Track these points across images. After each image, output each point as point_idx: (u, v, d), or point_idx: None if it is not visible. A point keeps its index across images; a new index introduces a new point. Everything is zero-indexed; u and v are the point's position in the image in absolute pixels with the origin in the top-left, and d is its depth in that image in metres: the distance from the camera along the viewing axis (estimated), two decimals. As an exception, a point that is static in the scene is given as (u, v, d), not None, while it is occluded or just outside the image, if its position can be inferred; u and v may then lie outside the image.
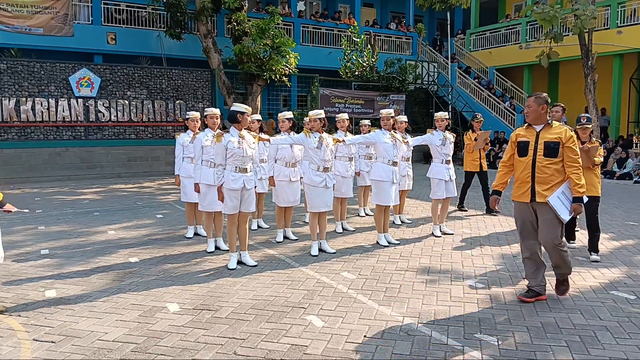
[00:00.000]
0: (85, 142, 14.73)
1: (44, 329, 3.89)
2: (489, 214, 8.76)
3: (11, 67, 13.86)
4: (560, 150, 4.26)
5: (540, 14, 14.54)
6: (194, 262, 5.77)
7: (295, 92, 20.04)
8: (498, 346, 3.57)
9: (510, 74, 21.87)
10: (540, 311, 4.22)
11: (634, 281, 5.01)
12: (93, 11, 16.89)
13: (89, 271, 5.44)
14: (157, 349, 3.54)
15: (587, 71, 15.68)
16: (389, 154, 6.36)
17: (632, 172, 14.12)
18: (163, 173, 15.24)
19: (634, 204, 9.93)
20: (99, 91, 14.88)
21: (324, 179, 5.99)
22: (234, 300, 4.50)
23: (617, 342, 3.62)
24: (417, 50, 22.98)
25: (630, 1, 17.16)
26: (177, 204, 9.79)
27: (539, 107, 4.35)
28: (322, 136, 6.00)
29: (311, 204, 6.07)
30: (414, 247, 6.45)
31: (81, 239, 6.98)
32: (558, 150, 4.25)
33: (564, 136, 4.27)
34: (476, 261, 5.77)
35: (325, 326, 3.89)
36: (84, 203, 10.19)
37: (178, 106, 16.06)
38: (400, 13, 25.03)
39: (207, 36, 16.39)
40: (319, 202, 6.02)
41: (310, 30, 20.82)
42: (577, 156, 4.26)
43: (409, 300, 4.48)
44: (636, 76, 18.68)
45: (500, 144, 18.49)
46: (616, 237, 6.98)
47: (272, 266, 5.58)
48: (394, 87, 19.44)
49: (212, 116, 6.30)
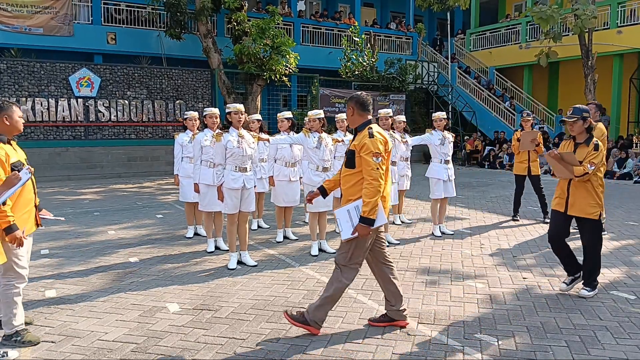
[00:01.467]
0: (85, 142, 14.72)
1: (44, 329, 3.88)
2: (543, 221, 7.97)
3: (11, 67, 13.85)
4: (357, 160, 3.67)
5: (538, 13, 14.55)
6: (194, 262, 5.77)
7: (295, 92, 20.03)
8: (498, 346, 3.57)
9: (510, 74, 21.88)
10: (540, 311, 4.22)
11: (634, 281, 5.01)
12: (93, 11, 16.88)
13: (88, 271, 5.44)
14: (157, 349, 3.54)
15: (587, 71, 15.68)
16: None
17: (632, 172, 14.11)
18: (163, 173, 15.23)
19: (634, 204, 9.93)
20: (99, 91, 14.87)
21: (324, 179, 5.99)
22: (234, 300, 4.50)
23: (617, 342, 3.62)
24: (417, 50, 22.97)
25: (630, 1, 17.15)
26: (177, 204, 9.78)
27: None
28: (322, 136, 6.01)
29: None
30: (414, 247, 6.45)
31: (81, 239, 6.97)
32: (354, 160, 3.69)
33: (358, 144, 3.68)
34: (476, 261, 5.77)
35: (325, 326, 3.89)
36: (84, 203, 10.19)
37: (178, 106, 16.05)
38: (400, 13, 25.03)
39: (207, 36, 16.38)
40: (319, 202, 6.01)
41: (310, 30, 20.81)
42: (370, 168, 3.58)
43: (409, 300, 4.47)
44: (636, 76, 18.68)
45: (500, 144, 18.50)
46: (616, 237, 6.98)
47: (272, 266, 5.58)
48: (394, 87, 19.44)
49: (212, 116, 6.29)
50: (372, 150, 3.60)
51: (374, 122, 3.84)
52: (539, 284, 4.93)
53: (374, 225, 3.62)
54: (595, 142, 4.43)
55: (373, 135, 3.65)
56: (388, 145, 3.77)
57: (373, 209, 3.57)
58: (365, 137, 3.65)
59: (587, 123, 4.46)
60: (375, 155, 3.59)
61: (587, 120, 4.45)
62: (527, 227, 7.65)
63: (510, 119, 19.68)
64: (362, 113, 3.79)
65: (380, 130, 3.78)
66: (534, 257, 5.91)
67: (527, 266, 5.55)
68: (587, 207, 4.44)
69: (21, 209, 3.53)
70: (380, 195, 3.61)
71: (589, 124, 4.47)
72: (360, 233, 3.62)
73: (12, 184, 3.33)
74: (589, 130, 4.50)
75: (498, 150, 18.32)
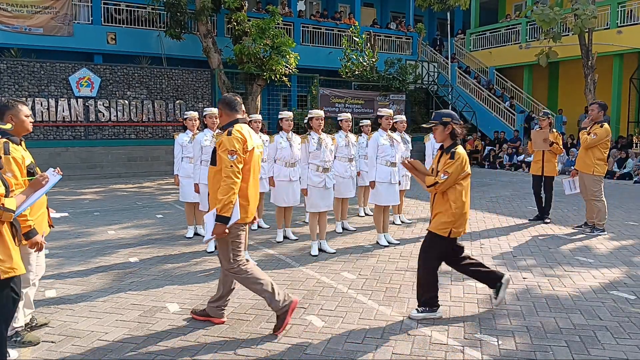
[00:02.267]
0: (85, 142, 14.72)
1: (44, 328, 3.89)
2: (543, 221, 7.97)
3: (11, 67, 13.85)
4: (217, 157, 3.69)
5: (540, 15, 14.55)
6: (194, 262, 5.77)
7: (295, 92, 20.03)
8: (498, 346, 3.57)
9: (510, 74, 21.88)
10: (540, 311, 4.22)
11: (634, 281, 5.01)
12: (93, 11, 16.88)
13: (89, 271, 5.44)
14: (157, 349, 3.54)
15: (587, 71, 15.68)
16: (387, 154, 6.37)
17: (632, 172, 14.11)
18: (163, 173, 15.23)
19: (634, 204, 9.93)
20: (99, 91, 14.86)
21: (324, 179, 6.00)
22: (234, 300, 4.50)
23: (617, 342, 3.62)
24: (417, 50, 22.98)
25: (630, 1, 17.15)
26: (177, 204, 9.78)
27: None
28: (321, 137, 6.03)
29: (311, 204, 6.07)
30: (414, 247, 6.45)
31: (81, 239, 6.97)
32: (215, 157, 3.72)
33: (217, 142, 3.77)
34: (476, 261, 5.76)
35: (325, 326, 3.89)
36: (84, 203, 10.19)
37: (178, 106, 16.05)
38: (400, 13, 25.04)
39: (207, 36, 16.38)
40: (319, 202, 6.03)
41: (310, 30, 20.81)
42: (224, 165, 3.61)
43: (409, 300, 4.48)
44: (636, 76, 18.68)
45: (500, 144, 18.50)
46: (616, 237, 6.98)
47: (272, 266, 5.58)
48: (394, 87, 19.44)
49: (212, 116, 6.29)
50: (227, 148, 3.63)
51: (243, 122, 3.88)
52: (539, 284, 4.93)
53: (228, 224, 3.61)
54: (453, 150, 3.96)
55: (231, 133, 3.69)
56: (248, 144, 3.73)
57: (225, 206, 3.57)
58: (224, 135, 3.72)
59: (449, 129, 4.00)
60: (230, 152, 3.62)
61: (449, 126, 3.99)
62: (527, 227, 7.65)
63: (510, 119, 19.68)
64: (230, 113, 3.86)
65: (242, 129, 3.78)
66: (534, 257, 5.91)
67: (527, 266, 5.55)
68: (438, 222, 4.04)
69: (35, 212, 3.48)
70: (233, 192, 3.60)
71: (450, 129, 4.00)
72: (215, 232, 3.62)
73: (40, 186, 3.20)
74: (454, 136, 4.04)
75: (498, 150, 18.32)
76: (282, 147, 6.51)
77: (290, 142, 6.47)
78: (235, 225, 3.72)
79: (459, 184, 3.99)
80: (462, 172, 3.97)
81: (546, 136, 7.82)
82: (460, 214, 4.00)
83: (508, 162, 17.33)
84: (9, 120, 3.50)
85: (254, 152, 3.84)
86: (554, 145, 7.84)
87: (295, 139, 6.53)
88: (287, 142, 6.46)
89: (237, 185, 3.62)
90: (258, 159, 3.97)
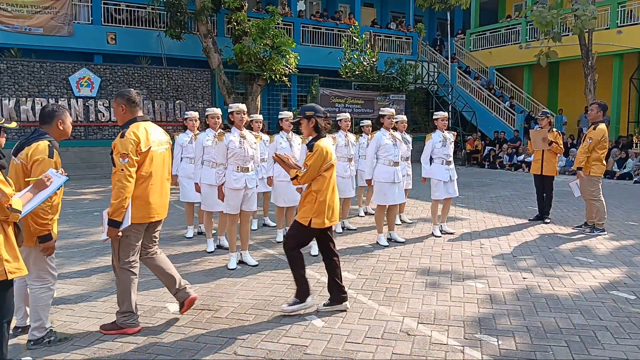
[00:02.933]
0: (85, 142, 14.72)
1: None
2: (543, 221, 7.95)
3: (11, 67, 13.85)
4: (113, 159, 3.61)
5: (537, 17, 14.54)
6: (194, 262, 5.77)
7: (295, 92, 20.04)
8: (498, 346, 3.57)
9: (510, 74, 21.87)
10: (540, 311, 4.22)
11: (634, 281, 5.01)
12: (93, 11, 16.89)
13: (89, 271, 5.44)
14: (157, 349, 3.54)
15: (587, 71, 15.68)
16: (389, 154, 6.37)
17: (632, 172, 14.11)
18: (163, 173, 15.21)
19: (634, 204, 9.93)
20: (99, 91, 14.88)
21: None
22: (234, 300, 4.50)
23: (617, 342, 3.62)
24: (417, 50, 22.98)
25: (630, 1, 17.15)
26: (177, 204, 9.77)
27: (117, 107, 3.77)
28: (289, 136, 6.10)
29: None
30: (414, 247, 6.45)
31: (81, 239, 6.97)
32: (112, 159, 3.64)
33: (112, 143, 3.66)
34: (476, 261, 5.77)
35: (325, 326, 3.89)
36: (84, 203, 10.19)
37: (178, 106, 16.06)
38: (401, 13, 25.04)
39: (207, 36, 16.38)
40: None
41: (310, 30, 20.81)
42: (115, 168, 3.56)
43: (409, 300, 4.48)
44: (636, 76, 18.68)
45: (500, 144, 18.50)
46: (616, 237, 6.98)
47: (272, 266, 5.58)
48: (394, 87, 19.44)
49: (214, 116, 6.30)
50: (119, 151, 3.56)
51: (142, 120, 3.75)
52: (539, 284, 4.94)
53: (120, 228, 3.58)
54: (312, 143, 4.05)
55: (124, 135, 3.60)
56: (141, 145, 3.62)
57: (117, 210, 3.52)
58: (118, 137, 3.62)
59: (312, 122, 4.12)
60: (122, 156, 3.54)
61: (312, 120, 4.12)
62: (527, 227, 7.65)
63: (510, 119, 19.69)
64: (132, 109, 3.74)
65: (138, 129, 3.65)
66: (534, 258, 5.91)
67: (527, 266, 5.55)
68: (301, 212, 4.16)
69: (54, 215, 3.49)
70: (125, 197, 3.53)
71: (314, 123, 4.12)
72: (108, 235, 3.62)
73: (44, 187, 3.14)
74: (317, 129, 4.14)
75: (498, 150, 18.32)
76: (282, 147, 6.51)
77: (290, 142, 6.47)
78: (130, 227, 3.66)
79: (321, 176, 4.07)
80: (323, 163, 4.04)
81: (545, 135, 7.82)
82: (323, 204, 4.06)
83: (508, 162, 17.33)
84: (57, 125, 3.53)
85: (154, 151, 3.72)
86: (553, 145, 7.84)
87: (295, 139, 6.54)
88: (287, 142, 6.46)
89: (127, 189, 3.55)
90: (163, 157, 3.85)
